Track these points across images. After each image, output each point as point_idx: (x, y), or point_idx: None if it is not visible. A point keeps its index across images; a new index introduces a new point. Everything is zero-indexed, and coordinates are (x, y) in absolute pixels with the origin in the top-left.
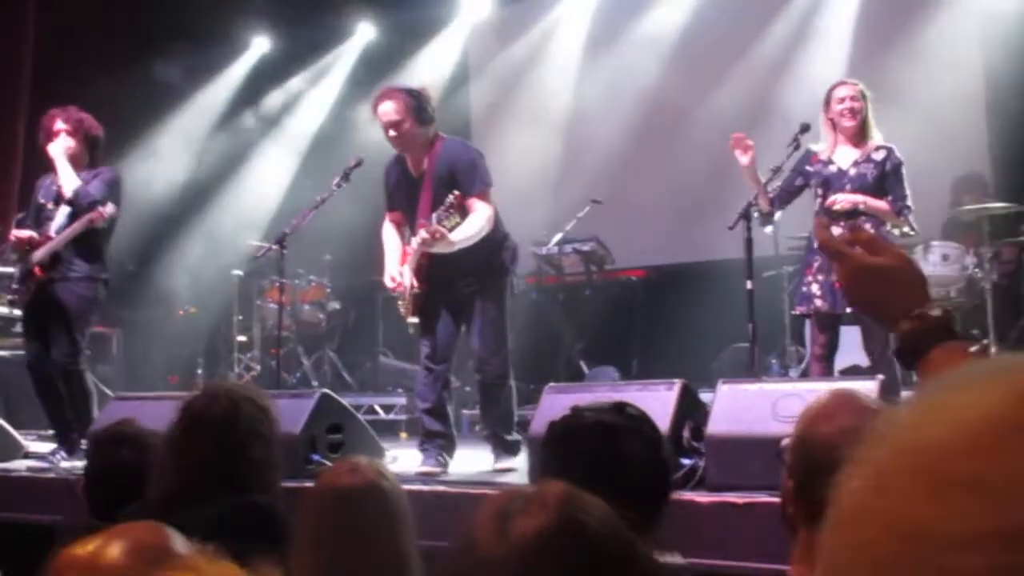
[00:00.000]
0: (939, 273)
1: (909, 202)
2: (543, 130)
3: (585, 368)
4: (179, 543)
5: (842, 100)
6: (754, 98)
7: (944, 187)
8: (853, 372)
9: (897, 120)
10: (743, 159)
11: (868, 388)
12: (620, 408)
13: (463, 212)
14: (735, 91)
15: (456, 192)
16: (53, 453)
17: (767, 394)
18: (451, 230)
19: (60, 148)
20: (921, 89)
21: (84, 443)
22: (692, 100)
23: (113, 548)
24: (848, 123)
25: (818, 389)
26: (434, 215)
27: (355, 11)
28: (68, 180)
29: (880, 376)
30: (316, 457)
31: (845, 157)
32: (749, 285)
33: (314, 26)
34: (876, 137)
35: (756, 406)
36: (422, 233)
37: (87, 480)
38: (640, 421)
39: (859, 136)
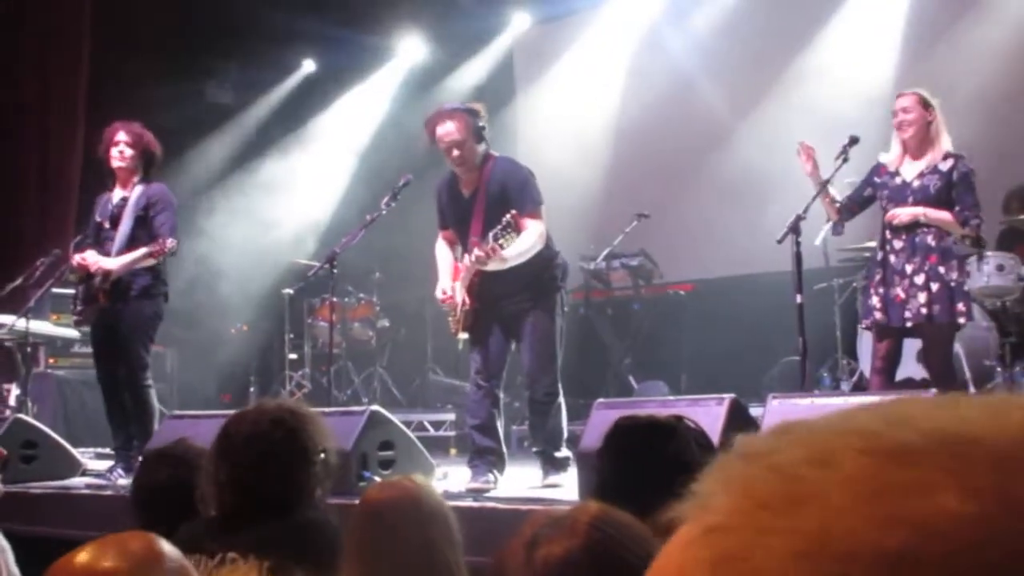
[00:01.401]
0: (994, 284)
1: (980, 213)
2: (589, 144)
3: (634, 383)
4: (170, 551)
5: (896, 113)
6: (802, 108)
7: (999, 196)
8: (908, 385)
9: (950, 127)
10: (806, 166)
11: None
12: (676, 419)
13: (518, 231)
14: (782, 102)
15: (513, 211)
16: (111, 470)
17: (819, 408)
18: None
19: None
20: (975, 95)
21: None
22: (738, 112)
23: (106, 556)
24: (904, 134)
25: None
26: (490, 234)
27: (401, 30)
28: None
29: (934, 390)
30: (367, 474)
31: (911, 168)
32: (799, 299)
33: (361, 45)
34: (946, 145)
35: None
36: (476, 251)
37: (134, 498)
38: (694, 431)
39: (921, 146)
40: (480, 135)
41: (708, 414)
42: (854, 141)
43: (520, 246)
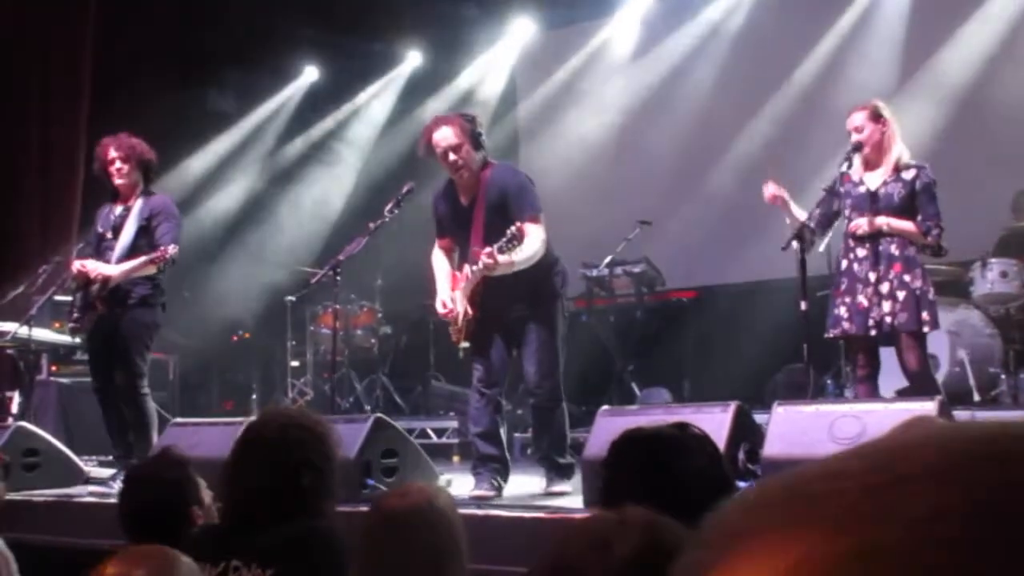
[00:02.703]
0: (997, 291)
1: (941, 222)
2: (591, 151)
3: (637, 390)
4: (188, 565)
5: (849, 132)
6: (804, 115)
7: (1002, 202)
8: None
9: (952, 132)
10: (766, 191)
11: (927, 408)
12: (681, 427)
13: (521, 240)
14: (784, 108)
15: (518, 224)
16: (113, 478)
17: (824, 416)
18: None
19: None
20: (978, 100)
21: None
22: (740, 118)
23: (135, 570)
24: (863, 150)
25: (876, 410)
26: (496, 246)
27: (403, 37)
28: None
29: (939, 396)
30: (371, 482)
31: (873, 178)
32: (803, 306)
33: (363, 52)
34: (901, 152)
35: (813, 428)
36: (484, 260)
37: (120, 520)
38: (701, 440)
39: (878, 157)
40: (477, 141)
41: (713, 421)
42: (857, 147)
43: (526, 251)
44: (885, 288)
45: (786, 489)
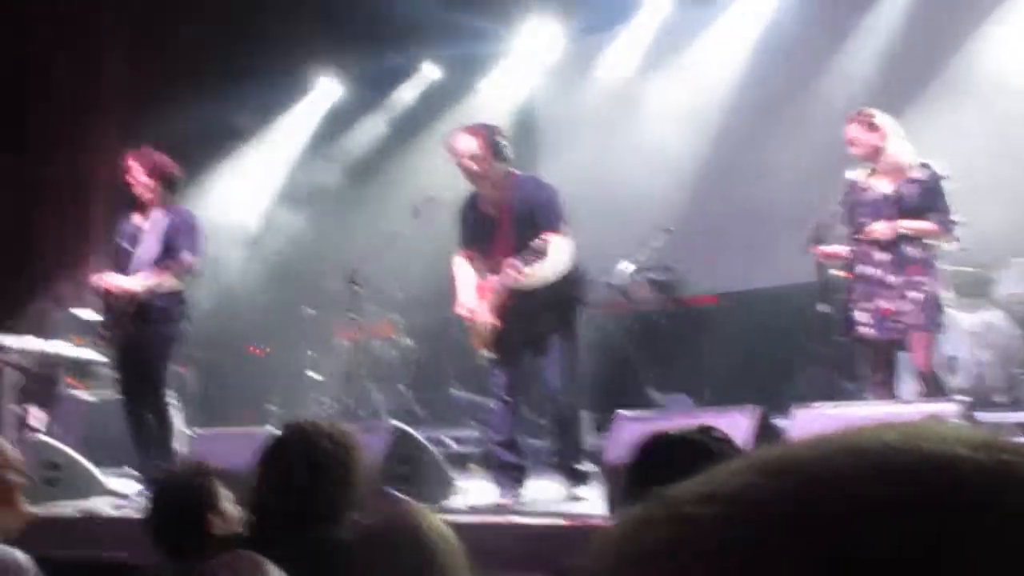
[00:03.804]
0: (1022, 290)
1: (952, 216)
2: (611, 159)
3: (657, 396)
4: (276, 571)
5: (846, 143)
6: (828, 117)
7: (1022, 199)
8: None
9: (975, 130)
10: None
11: (948, 411)
12: (706, 431)
13: (546, 253)
14: (805, 113)
15: (544, 236)
16: (138, 493)
17: (844, 418)
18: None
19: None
20: (1001, 97)
21: None
22: (761, 124)
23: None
24: (861, 160)
25: (896, 413)
26: (521, 258)
27: (419, 49)
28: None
29: (959, 398)
30: (390, 491)
31: (883, 182)
32: (823, 308)
33: (379, 65)
34: (907, 154)
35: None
36: (513, 274)
37: (147, 519)
38: (724, 443)
39: (881, 163)
40: (500, 152)
41: (734, 426)
42: (863, 154)
43: (554, 264)
44: (904, 290)
45: (666, 513)
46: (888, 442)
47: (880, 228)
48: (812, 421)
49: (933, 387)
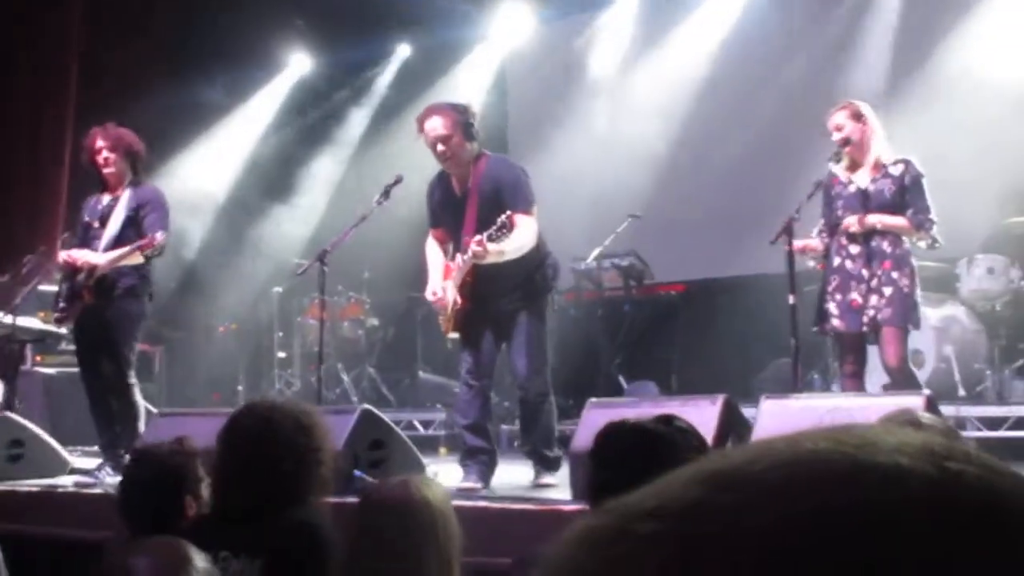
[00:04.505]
0: (984, 287)
1: (932, 215)
2: (581, 146)
3: (624, 383)
4: (200, 558)
5: (830, 131)
6: (795, 110)
7: (990, 198)
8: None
9: (940, 129)
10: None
11: (915, 403)
12: (668, 420)
13: (512, 231)
14: (774, 104)
15: (508, 213)
16: (99, 468)
17: (812, 409)
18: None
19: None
20: (967, 96)
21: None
22: (731, 113)
23: (140, 563)
24: (844, 150)
25: (863, 404)
26: (485, 234)
27: (393, 30)
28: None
29: (927, 391)
30: (358, 473)
31: (861, 176)
32: (792, 300)
33: (353, 45)
34: (882, 150)
35: (800, 421)
36: (473, 247)
37: (119, 502)
38: (688, 433)
39: (862, 155)
40: (469, 132)
41: (701, 414)
42: (847, 141)
43: (517, 241)
44: (875, 284)
45: (616, 527)
46: (821, 451)
47: (853, 221)
48: (779, 411)
49: (903, 382)
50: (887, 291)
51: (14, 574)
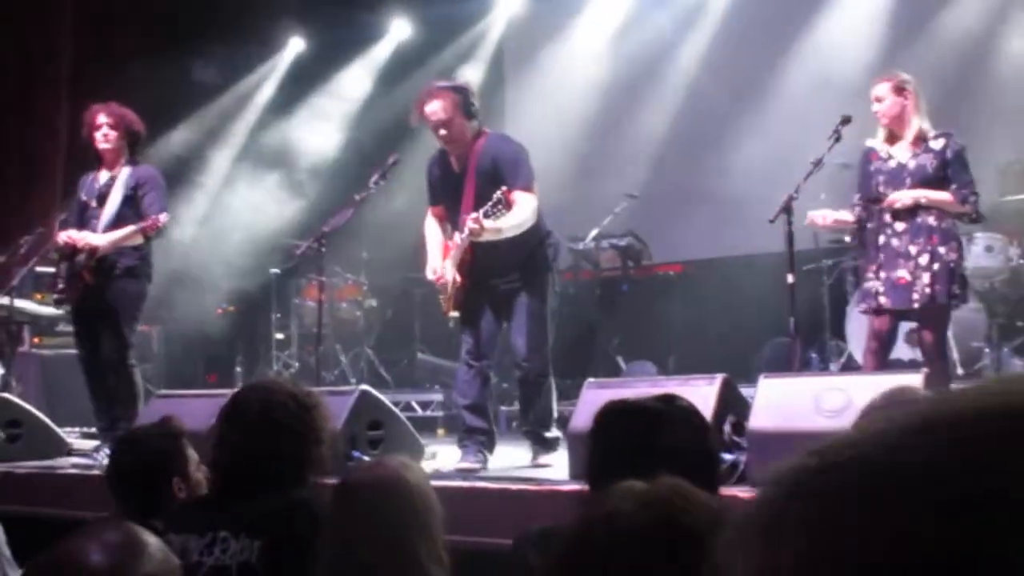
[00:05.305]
0: (982, 264)
1: (975, 188)
2: (579, 125)
3: (622, 363)
4: (152, 540)
5: (872, 102)
6: (796, 90)
7: (988, 176)
8: (896, 366)
9: (938, 108)
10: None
11: (913, 380)
12: (668, 399)
13: (509, 207)
14: (773, 82)
15: (504, 188)
16: (97, 450)
17: (809, 388)
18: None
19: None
20: (964, 76)
21: None
22: (728, 92)
23: (91, 548)
24: (883, 122)
25: (861, 382)
26: (481, 211)
27: (390, 7)
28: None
29: (925, 369)
30: (356, 454)
31: (902, 150)
32: (790, 279)
33: (348, 23)
34: (923, 123)
35: (798, 400)
36: (469, 224)
37: (108, 482)
38: (688, 412)
39: (902, 129)
40: (470, 112)
41: (699, 393)
42: (846, 120)
43: (515, 218)
44: (924, 260)
45: (746, 515)
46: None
47: (901, 197)
48: (778, 390)
49: (938, 360)
50: (936, 267)
51: (15, 554)
